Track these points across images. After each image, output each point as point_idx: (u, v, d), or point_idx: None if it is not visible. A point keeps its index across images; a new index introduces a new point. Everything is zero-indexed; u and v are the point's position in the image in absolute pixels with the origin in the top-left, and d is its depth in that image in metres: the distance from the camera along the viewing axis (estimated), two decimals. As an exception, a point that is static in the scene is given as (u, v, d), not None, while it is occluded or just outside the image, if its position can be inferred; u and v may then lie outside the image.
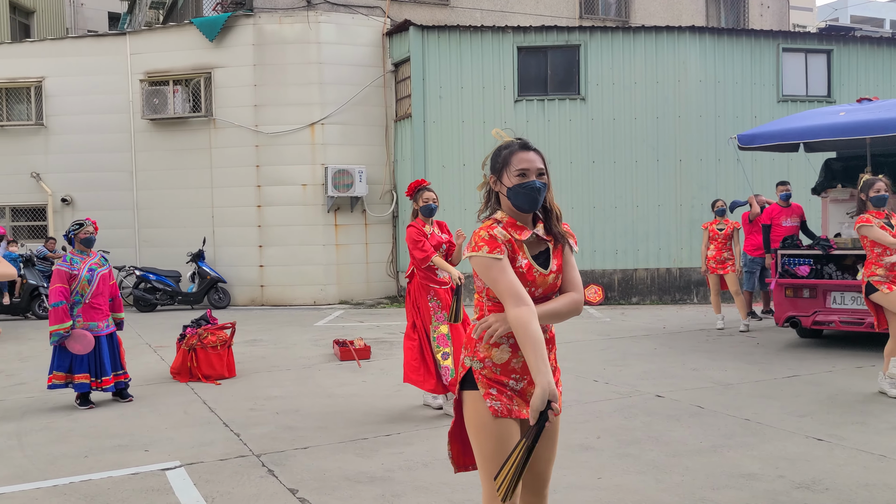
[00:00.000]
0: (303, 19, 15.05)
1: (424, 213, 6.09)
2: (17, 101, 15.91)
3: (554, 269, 2.68)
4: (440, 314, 6.05)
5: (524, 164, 2.66)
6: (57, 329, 6.40)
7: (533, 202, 2.65)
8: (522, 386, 2.64)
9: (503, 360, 2.64)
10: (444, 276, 6.03)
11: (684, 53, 14.93)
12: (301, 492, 4.34)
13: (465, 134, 14.67)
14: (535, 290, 2.62)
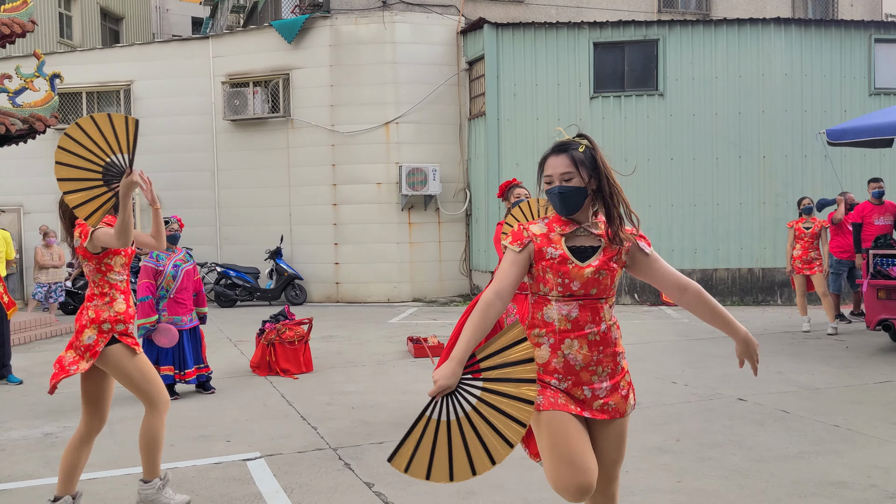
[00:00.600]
0: (378, 20, 15.21)
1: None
2: (108, 104, 16.63)
3: (595, 264, 2.61)
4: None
5: (548, 171, 2.68)
6: (143, 323, 6.64)
7: (562, 207, 2.66)
8: (567, 386, 2.63)
9: (544, 360, 2.64)
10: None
11: (769, 46, 14.42)
12: (377, 486, 4.37)
13: (539, 132, 14.55)
14: (569, 283, 2.60)
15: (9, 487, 4.47)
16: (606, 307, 2.67)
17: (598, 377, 2.64)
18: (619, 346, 2.70)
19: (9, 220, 16.18)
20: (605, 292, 2.64)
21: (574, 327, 2.61)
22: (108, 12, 24.85)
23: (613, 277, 2.65)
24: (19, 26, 11.38)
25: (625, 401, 2.68)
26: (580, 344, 2.60)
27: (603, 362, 2.64)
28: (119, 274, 3.92)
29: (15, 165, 16.03)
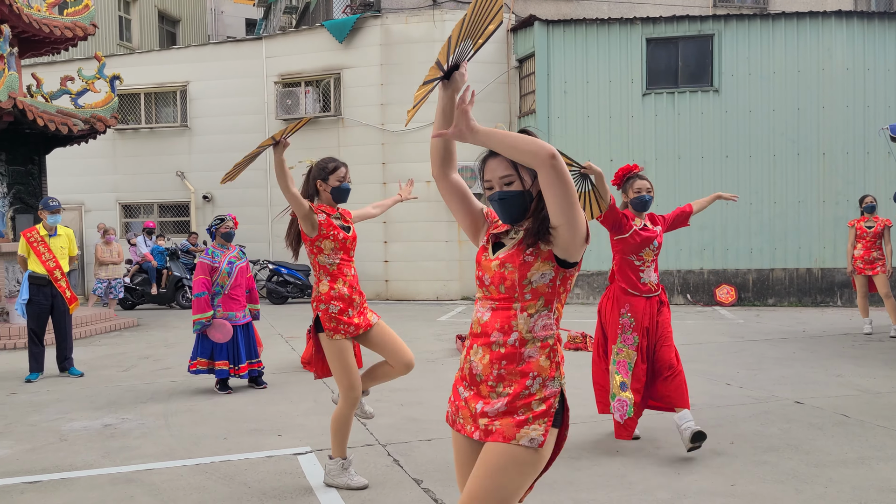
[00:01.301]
0: (428, 18, 15.25)
1: (636, 205, 4.92)
2: (164, 104, 17.04)
3: (501, 257, 2.29)
4: (629, 335, 4.86)
5: (487, 175, 2.38)
6: (199, 318, 6.77)
7: (504, 215, 2.34)
8: (468, 396, 2.33)
9: (462, 363, 2.41)
10: (651, 280, 4.93)
11: (829, 40, 14.02)
12: (426, 482, 4.38)
13: (590, 129, 14.40)
14: (482, 275, 2.35)
15: (70, 476, 4.61)
16: (522, 315, 2.26)
17: (497, 395, 2.27)
18: (538, 368, 2.26)
19: (70, 217, 16.71)
20: (514, 292, 2.26)
21: (482, 332, 2.31)
22: (166, 15, 25.46)
23: (524, 273, 2.24)
24: (81, 29, 11.74)
25: (518, 427, 2.21)
26: (483, 353, 2.29)
27: (505, 380, 2.26)
28: (329, 257, 4.22)
29: (76, 164, 16.55)
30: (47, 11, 11.45)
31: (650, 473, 4.47)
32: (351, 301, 4.25)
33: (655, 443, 5.10)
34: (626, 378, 4.80)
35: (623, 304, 4.89)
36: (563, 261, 2.25)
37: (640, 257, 4.89)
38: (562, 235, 2.19)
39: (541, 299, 2.26)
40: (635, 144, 14.26)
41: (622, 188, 5.03)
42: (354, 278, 4.32)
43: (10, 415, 6.24)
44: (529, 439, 2.21)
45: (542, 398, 2.26)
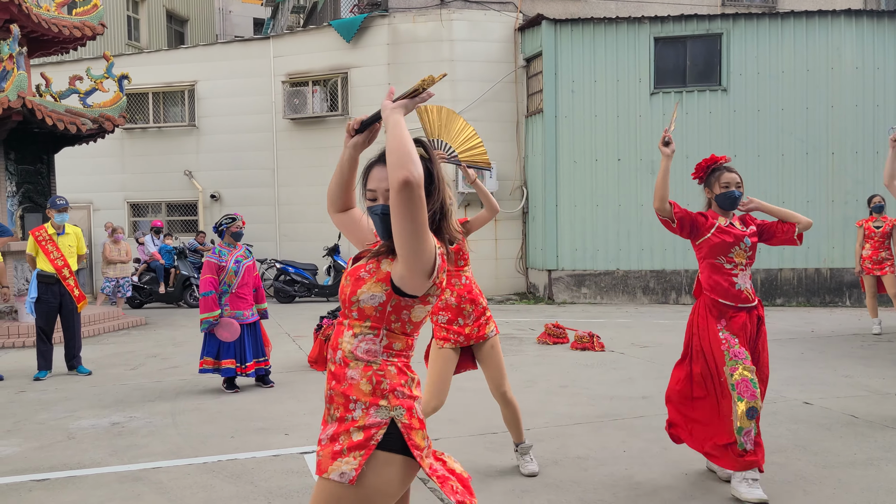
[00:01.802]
0: (436, 17, 15.25)
1: (722, 202, 4.24)
2: (173, 103, 17.09)
3: (348, 269, 2.18)
4: (738, 349, 4.05)
5: (371, 184, 2.18)
6: (207, 317, 6.79)
7: (383, 231, 2.14)
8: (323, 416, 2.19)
9: None
10: (746, 287, 4.18)
11: (838, 39, 13.95)
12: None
13: (597, 129, 14.37)
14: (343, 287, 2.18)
15: (78, 474, 4.62)
16: (348, 333, 2.11)
17: (331, 418, 2.11)
18: (359, 392, 2.06)
19: (79, 216, 16.77)
20: (346, 307, 2.12)
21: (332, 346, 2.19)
22: (174, 15, 25.54)
23: (356, 288, 2.09)
24: (90, 29, 11.78)
25: (332, 458, 2.03)
26: (328, 371, 2.15)
27: (334, 401, 2.09)
28: None
29: (85, 164, 16.62)
30: (56, 11, 11.50)
31: (657, 474, 4.46)
32: (460, 310, 4.37)
33: (662, 443, 5.09)
34: (754, 401, 3.93)
35: (719, 319, 4.13)
36: (399, 288, 2.06)
37: (729, 259, 4.16)
38: (400, 264, 2.03)
39: (367, 321, 2.09)
40: (643, 144, 14.22)
41: (705, 182, 4.32)
42: (465, 287, 4.39)
43: (19, 413, 6.27)
44: (340, 473, 2.01)
45: (362, 426, 2.04)
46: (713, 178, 4.26)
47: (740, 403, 3.93)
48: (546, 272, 14.65)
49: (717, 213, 4.27)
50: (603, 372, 7.64)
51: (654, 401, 6.34)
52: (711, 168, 4.28)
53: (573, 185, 14.47)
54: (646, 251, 14.28)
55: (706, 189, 4.30)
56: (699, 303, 4.27)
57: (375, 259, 2.12)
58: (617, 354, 8.66)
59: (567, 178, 14.48)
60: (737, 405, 3.94)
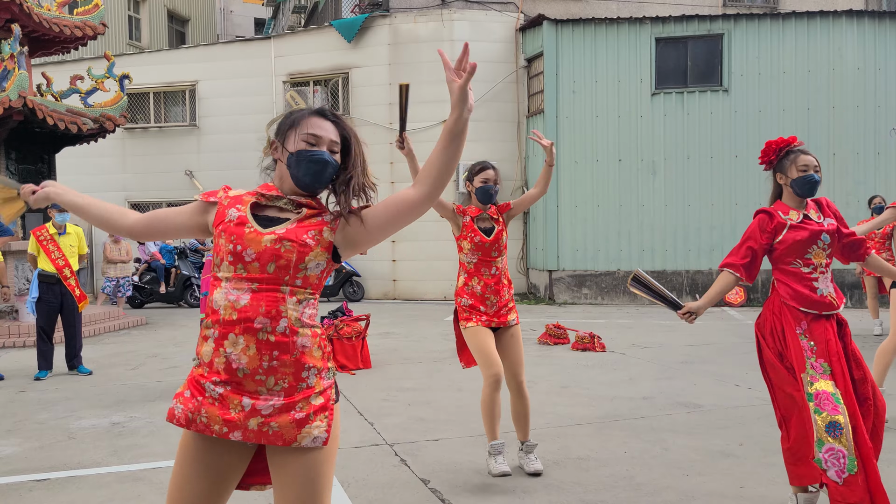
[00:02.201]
0: (437, 18, 15.24)
1: (801, 187, 3.62)
2: (174, 103, 17.09)
3: (280, 232, 2.07)
4: (815, 361, 3.48)
5: (315, 130, 2.16)
6: None
7: (314, 175, 2.14)
8: (224, 391, 2.04)
9: (208, 357, 2.08)
10: (830, 292, 3.61)
11: (840, 40, 13.95)
12: (433, 482, 4.37)
13: (598, 129, 14.37)
14: (241, 251, 2.06)
15: (79, 474, 4.62)
16: (292, 300, 2.06)
17: (268, 391, 2.03)
18: (313, 359, 2.07)
19: (80, 216, 16.76)
20: (287, 273, 2.06)
21: (240, 318, 2.02)
22: (175, 14, 25.54)
23: (303, 256, 2.07)
24: (91, 29, 11.78)
25: (298, 427, 2.03)
26: (246, 343, 2.02)
27: (277, 372, 2.03)
28: (467, 256, 4.49)
29: (86, 163, 16.62)
30: (57, 11, 11.50)
31: (658, 475, 4.45)
32: (484, 299, 4.42)
33: (663, 443, 5.08)
34: (836, 416, 3.35)
35: (797, 323, 3.57)
36: (337, 255, 2.16)
37: (807, 261, 3.60)
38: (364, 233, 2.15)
39: (309, 288, 2.10)
40: (644, 144, 14.22)
41: (777, 167, 3.74)
42: (494, 277, 4.43)
43: (19, 412, 6.27)
44: (312, 438, 2.04)
45: (320, 391, 2.08)
46: (787, 161, 3.68)
47: (818, 416, 3.39)
48: (547, 272, 14.64)
49: (788, 204, 3.69)
50: (604, 372, 7.64)
51: (655, 401, 6.34)
52: (785, 150, 3.72)
53: (574, 186, 14.47)
54: (647, 252, 14.27)
55: (778, 175, 3.73)
56: (772, 301, 3.70)
57: (318, 225, 2.13)
58: (618, 355, 8.66)
59: (568, 179, 14.47)
60: (815, 419, 3.40)
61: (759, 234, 3.65)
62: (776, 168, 3.74)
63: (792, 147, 3.71)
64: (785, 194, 3.73)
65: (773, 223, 3.64)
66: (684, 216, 14.17)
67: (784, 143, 3.73)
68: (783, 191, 3.74)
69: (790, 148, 3.71)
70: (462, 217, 4.52)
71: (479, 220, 4.53)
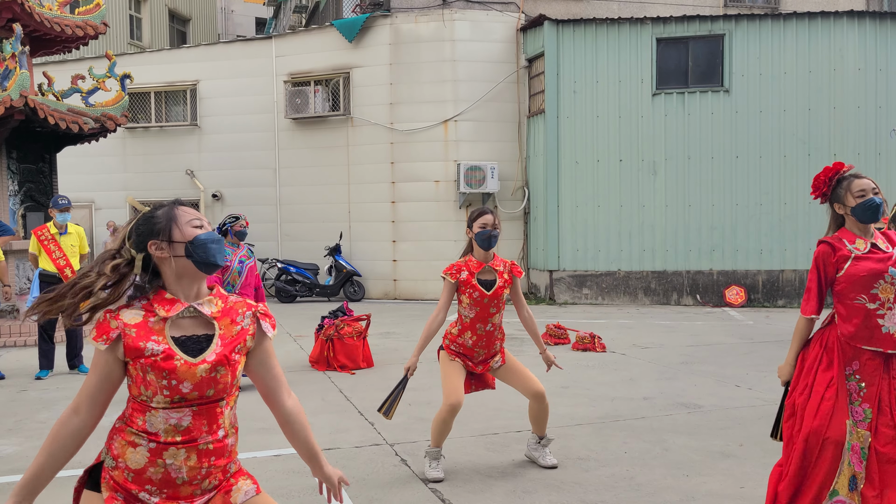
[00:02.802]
0: (438, 18, 15.24)
1: (862, 215, 3.37)
2: (175, 103, 17.09)
3: (211, 359, 2.07)
4: (858, 406, 3.30)
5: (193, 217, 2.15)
6: None
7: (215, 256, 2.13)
8: (157, 501, 2.09)
9: (140, 466, 2.08)
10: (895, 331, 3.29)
11: (841, 40, 13.94)
12: (433, 482, 4.37)
13: (599, 129, 14.37)
14: (178, 385, 2.05)
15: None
16: (227, 411, 2.15)
17: (203, 491, 2.15)
18: (233, 454, 2.21)
19: (80, 215, 16.78)
20: (226, 391, 2.12)
21: (185, 438, 2.08)
22: (176, 14, 25.55)
23: (234, 373, 2.13)
24: (92, 28, 11.78)
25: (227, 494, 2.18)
26: (188, 454, 2.08)
27: (212, 475, 2.13)
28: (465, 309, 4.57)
29: (87, 163, 16.62)
30: (59, 10, 11.50)
31: (658, 475, 4.46)
32: (473, 351, 4.53)
33: (664, 444, 5.09)
34: (860, 471, 3.24)
35: (850, 362, 3.34)
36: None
37: (872, 297, 3.31)
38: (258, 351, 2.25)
39: (237, 390, 2.20)
40: (645, 145, 14.22)
41: (831, 198, 3.49)
42: (488, 333, 4.47)
43: (20, 412, 6.28)
44: (244, 493, 2.20)
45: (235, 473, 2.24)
46: (841, 189, 3.43)
47: (846, 468, 3.25)
48: (547, 272, 14.65)
49: (854, 232, 3.42)
50: (604, 373, 7.64)
51: (655, 402, 6.34)
52: (837, 177, 3.48)
53: (575, 186, 14.47)
54: (647, 252, 14.27)
55: (835, 205, 3.46)
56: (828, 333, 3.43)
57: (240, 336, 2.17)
58: (618, 355, 8.66)
59: (569, 179, 14.47)
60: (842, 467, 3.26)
61: (823, 269, 3.42)
62: (832, 199, 3.49)
63: (842, 173, 3.48)
64: (848, 222, 3.46)
65: (835, 255, 3.39)
66: (685, 216, 14.18)
67: (833, 172, 3.49)
68: (846, 220, 3.47)
69: (841, 175, 3.48)
70: (460, 274, 4.48)
71: (480, 274, 4.50)
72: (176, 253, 2.09)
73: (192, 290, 2.13)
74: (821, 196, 3.53)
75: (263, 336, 2.23)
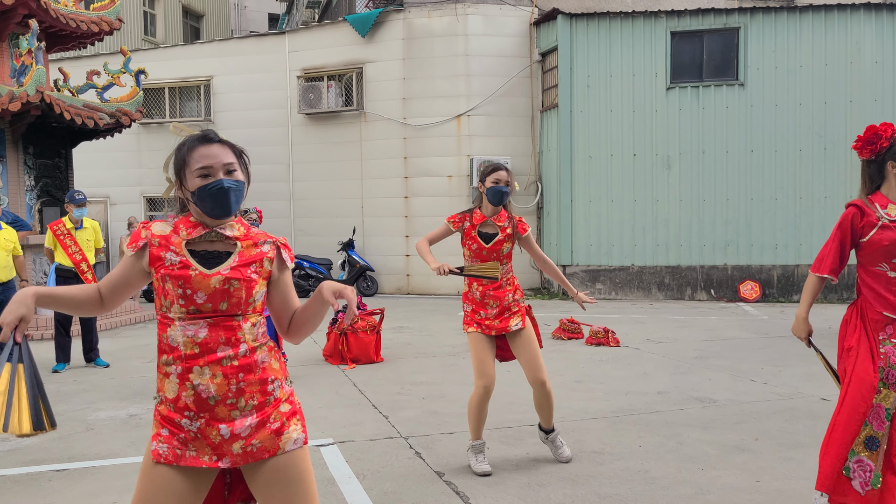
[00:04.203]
0: (451, 12, 15.22)
1: None
2: (189, 98, 17.17)
3: (226, 273, 2.15)
4: (890, 370, 3.34)
5: (204, 162, 2.21)
6: None
7: (222, 206, 2.19)
8: (200, 426, 2.13)
9: (174, 394, 2.15)
10: None
11: (858, 33, 13.80)
12: (447, 475, 4.38)
13: (612, 123, 14.31)
14: (192, 294, 2.13)
15: (97, 465, 4.67)
16: (247, 325, 2.19)
17: (241, 412, 2.15)
18: (273, 371, 2.22)
19: (96, 210, 16.90)
20: (240, 307, 2.18)
21: (203, 351, 2.13)
22: (190, 10, 25.64)
23: (251, 290, 2.19)
24: (107, 24, 11.85)
25: (277, 436, 2.18)
26: (212, 371, 2.13)
27: (245, 392, 2.15)
28: (466, 262, 4.51)
29: (102, 158, 16.73)
30: (74, 6, 11.57)
31: (673, 469, 4.44)
32: (483, 304, 4.41)
33: (678, 438, 5.07)
34: (879, 431, 3.32)
35: (881, 328, 3.37)
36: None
37: (894, 265, 3.35)
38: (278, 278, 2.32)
39: (257, 312, 2.24)
40: (659, 139, 14.15)
41: (887, 156, 3.40)
42: (494, 283, 4.35)
43: (38, 404, 6.33)
44: (293, 441, 2.21)
45: (286, 398, 2.25)
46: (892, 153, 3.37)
47: (865, 427, 3.36)
48: (561, 267, 14.62)
49: (889, 197, 3.41)
50: (618, 367, 7.62)
51: (669, 396, 6.32)
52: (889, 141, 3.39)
53: (588, 181, 14.43)
54: (661, 247, 14.22)
55: (891, 164, 3.38)
56: (856, 305, 3.50)
57: (258, 257, 2.25)
58: (632, 350, 8.64)
59: (582, 174, 14.43)
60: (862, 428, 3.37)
61: (849, 231, 3.42)
62: (888, 156, 3.39)
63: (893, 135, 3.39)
64: (886, 186, 3.43)
65: (863, 220, 3.39)
66: (699, 211, 14.10)
67: (879, 131, 3.41)
68: (885, 182, 3.44)
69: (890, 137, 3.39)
70: (463, 224, 4.47)
71: (482, 227, 4.44)
72: (187, 196, 2.25)
73: (213, 221, 2.24)
74: (875, 151, 3.42)
75: (283, 266, 2.31)
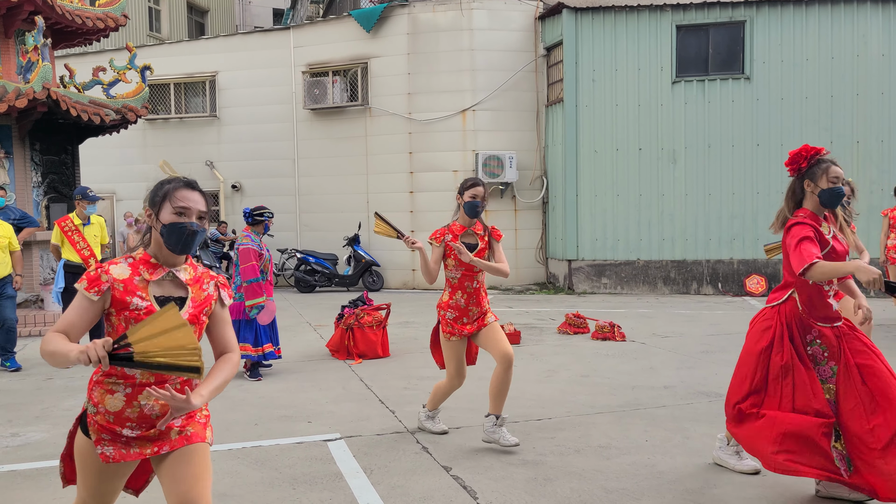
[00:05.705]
0: (456, 7, 15.19)
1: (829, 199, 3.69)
2: (194, 94, 17.19)
3: (185, 318, 2.39)
4: (825, 366, 3.79)
5: (185, 203, 2.45)
6: (257, 302, 6.88)
7: (184, 245, 2.44)
8: (139, 433, 2.45)
9: (117, 409, 2.42)
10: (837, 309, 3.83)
11: (864, 26, 13.74)
12: (454, 470, 4.40)
13: (618, 118, 14.29)
14: None
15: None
16: None
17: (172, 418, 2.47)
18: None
19: (102, 206, 16.95)
20: None
21: (158, 380, 2.42)
22: (194, 5, 25.65)
23: (202, 331, 2.52)
24: (112, 20, 11.87)
25: (204, 429, 2.55)
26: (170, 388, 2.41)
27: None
28: (451, 272, 4.84)
29: (108, 154, 16.78)
30: (79, 2, 11.59)
31: (679, 463, 4.46)
32: (466, 311, 4.80)
33: (685, 432, 5.08)
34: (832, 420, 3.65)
35: (809, 331, 3.76)
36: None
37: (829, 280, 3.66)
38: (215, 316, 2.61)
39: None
40: (665, 133, 14.12)
41: (807, 174, 3.73)
42: (475, 291, 4.79)
43: (47, 399, 6.38)
44: (211, 438, 2.58)
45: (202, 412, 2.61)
46: (819, 169, 3.68)
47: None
48: (566, 262, 14.62)
49: (817, 215, 3.72)
50: (624, 362, 7.63)
51: (675, 391, 6.33)
52: (816, 158, 3.71)
53: (594, 175, 14.41)
54: (667, 241, 14.20)
55: (807, 182, 3.71)
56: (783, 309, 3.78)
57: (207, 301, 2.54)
58: (638, 344, 8.64)
59: (587, 168, 14.41)
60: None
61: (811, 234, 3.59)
62: (805, 175, 3.75)
63: (822, 157, 3.72)
64: (808, 202, 3.76)
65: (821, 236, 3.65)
66: (705, 205, 14.08)
67: (815, 151, 3.73)
68: (805, 199, 3.77)
69: (821, 157, 3.71)
70: (445, 237, 4.82)
71: (463, 237, 4.87)
72: (157, 228, 2.46)
73: (171, 257, 2.49)
74: (797, 170, 3.77)
75: (223, 304, 2.61)
